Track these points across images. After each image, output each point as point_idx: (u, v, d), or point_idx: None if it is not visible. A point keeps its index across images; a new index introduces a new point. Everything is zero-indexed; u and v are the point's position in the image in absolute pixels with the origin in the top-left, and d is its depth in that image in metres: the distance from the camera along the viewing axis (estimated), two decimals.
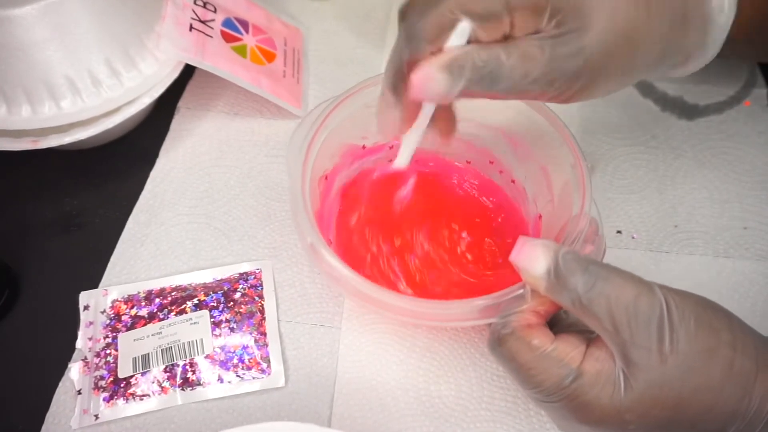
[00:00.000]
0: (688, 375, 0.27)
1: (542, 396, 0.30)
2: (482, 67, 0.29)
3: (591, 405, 0.28)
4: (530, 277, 0.30)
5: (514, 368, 0.30)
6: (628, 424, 0.28)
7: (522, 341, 0.30)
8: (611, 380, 0.28)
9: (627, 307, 0.28)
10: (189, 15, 0.48)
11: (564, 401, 0.29)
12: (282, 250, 0.44)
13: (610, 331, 0.28)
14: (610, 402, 0.28)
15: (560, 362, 0.29)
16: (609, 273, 0.29)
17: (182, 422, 0.37)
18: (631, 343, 0.28)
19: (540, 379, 0.29)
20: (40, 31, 0.41)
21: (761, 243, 0.45)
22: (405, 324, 0.40)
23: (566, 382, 0.29)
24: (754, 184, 0.48)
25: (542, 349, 0.30)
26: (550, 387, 0.29)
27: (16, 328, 0.41)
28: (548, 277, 0.29)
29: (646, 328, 0.27)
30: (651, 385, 0.27)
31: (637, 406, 0.28)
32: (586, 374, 0.29)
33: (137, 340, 0.39)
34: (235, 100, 0.53)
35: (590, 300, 0.28)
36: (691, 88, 0.54)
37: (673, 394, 0.27)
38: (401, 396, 0.38)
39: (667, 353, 0.27)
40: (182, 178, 0.48)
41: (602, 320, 0.28)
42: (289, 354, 0.40)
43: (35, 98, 0.43)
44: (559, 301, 0.30)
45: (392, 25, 0.59)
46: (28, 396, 0.38)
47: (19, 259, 0.44)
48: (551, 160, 0.40)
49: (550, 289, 0.29)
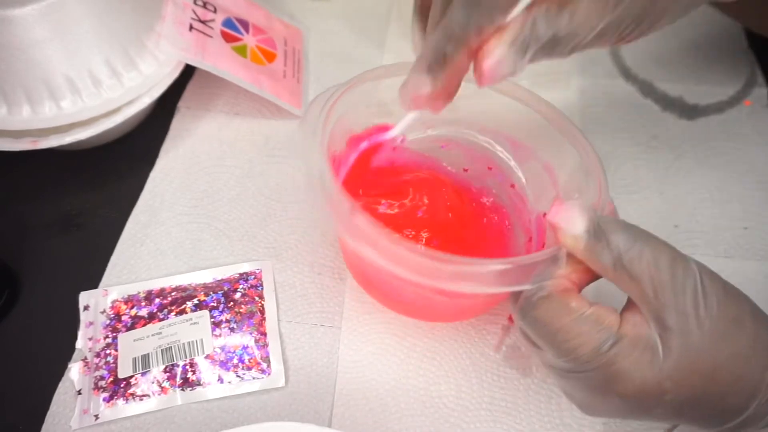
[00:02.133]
0: (721, 342, 0.27)
1: (576, 365, 0.28)
2: (547, 33, 0.28)
3: (629, 372, 0.27)
4: (569, 237, 0.29)
5: (550, 333, 0.29)
6: (665, 393, 0.27)
7: (560, 303, 0.29)
8: (650, 345, 0.27)
9: (666, 269, 0.27)
10: (189, 15, 0.48)
11: (600, 369, 0.28)
12: (282, 250, 0.44)
13: (648, 294, 0.27)
14: (649, 368, 0.27)
15: (599, 325, 0.28)
16: (647, 235, 0.28)
17: (182, 422, 0.37)
18: (669, 307, 0.27)
19: (577, 343, 0.28)
20: (40, 31, 0.41)
21: (761, 243, 0.45)
22: (416, 311, 0.40)
23: (605, 347, 0.27)
24: (755, 184, 0.48)
25: (580, 312, 0.28)
26: (588, 352, 0.28)
27: (16, 328, 0.41)
28: (588, 236, 0.28)
29: (682, 292, 0.27)
30: (689, 350, 0.27)
31: (675, 374, 0.27)
32: (625, 338, 0.27)
33: (137, 341, 0.39)
34: (235, 100, 0.53)
35: (631, 260, 0.27)
36: (691, 88, 0.54)
37: (709, 361, 0.27)
38: (401, 396, 0.38)
39: (703, 318, 0.27)
40: (182, 178, 0.48)
41: (642, 282, 0.27)
42: (289, 354, 0.40)
43: (35, 98, 0.43)
44: (597, 262, 0.29)
45: (392, 25, 0.60)
46: (28, 396, 0.38)
47: (19, 259, 0.44)
48: (555, 155, 0.39)
49: (589, 248, 0.28)
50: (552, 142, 0.39)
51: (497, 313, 0.41)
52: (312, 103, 0.37)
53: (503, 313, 0.41)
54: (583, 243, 0.28)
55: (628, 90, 0.54)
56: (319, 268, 0.44)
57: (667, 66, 0.56)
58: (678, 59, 0.56)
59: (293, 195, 0.47)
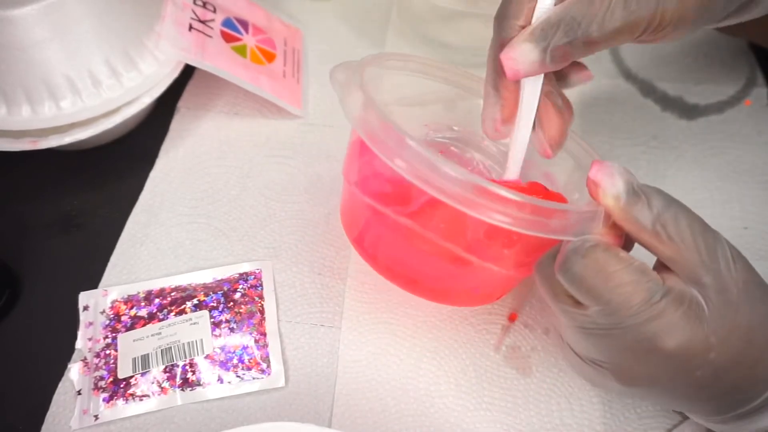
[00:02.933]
0: (755, 302, 0.28)
1: (623, 317, 0.28)
2: (567, 24, 0.30)
3: (678, 325, 0.27)
4: (610, 197, 0.29)
5: (599, 283, 0.28)
6: (710, 350, 0.27)
7: (609, 253, 0.28)
8: (695, 300, 0.27)
9: (699, 232, 0.28)
10: (189, 15, 0.48)
11: (648, 322, 0.27)
12: (282, 250, 0.44)
13: (684, 255, 0.28)
14: (697, 322, 0.27)
15: (648, 277, 0.28)
16: (678, 202, 0.29)
17: (182, 423, 0.37)
18: (704, 266, 0.27)
19: (628, 292, 0.27)
20: (40, 31, 0.41)
21: (761, 243, 0.45)
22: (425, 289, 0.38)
23: (656, 297, 0.27)
24: (754, 184, 0.48)
25: (629, 262, 0.28)
26: (639, 303, 0.27)
27: (16, 328, 0.41)
28: (627, 196, 0.28)
29: (715, 254, 0.28)
30: (729, 307, 0.27)
31: (719, 330, 0.27)
32: (673, 291, 0.27)
33: (137, 341, 0.39)
34: (235, 100, 0.53)
35: (667, 221, 0.28)
36: (691, 88, 0.54)
37: (746, 320, 0.28)
38: (401, 396, 0.38)
39: (736, 278, 0.28)
40: (182, 178, 0.48)
41: (680, 242, 0.28)
42: (289, 354, 0.40)
43: (35, 98, 0.43)
44: (636, 222, 0.28)
45: (392, 25, 0.60)
46: (28, 396, 0.38)
47: (19, 259, 0.44)
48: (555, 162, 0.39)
49: (627, 208, 0.28)
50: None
51: (497, 313, 0.41)
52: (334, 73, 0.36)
53: (503, 313, 0.41)
54: (623, 202, 0.29)
55: (628, 90, 0.54)
56: (319, 268, 0.44)
57: (667, 66, 0.56)
58: (678, 59, 0.56)
59: (293, 195, 0.47)
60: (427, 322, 0.41)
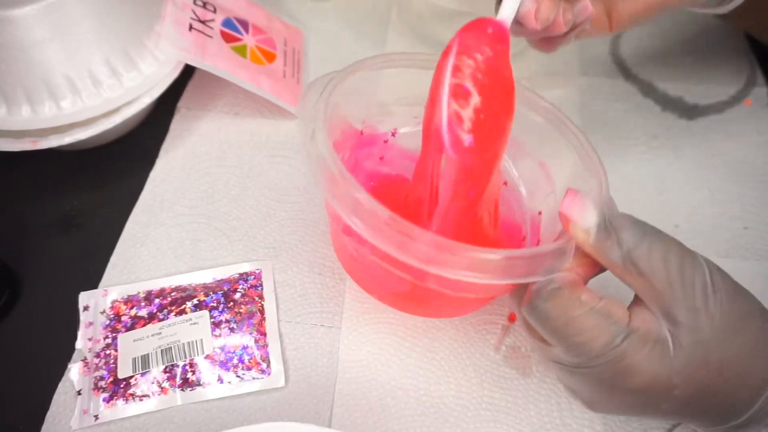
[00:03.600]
0: (731, 337, 0.27)
1: (586, 359, 0.28)
2: None
3: (640, 366, 0.27)
4: (580, 230, 0.29)
5: (560, 327, 0.28)
6: (674, 388, 0.27)
7: (570, 297, 0.28)
8: (661, 340, 0.27)
9: (675, 266, 0.27)
10: (189, 15, 0.48)
11: (610, 363, 0.27)
12: (282, 250, 0.44)
13: (657, 290, 0.27)
14: (660, 363, 0.27)
15: (610, 320, 0.28)
16: (655, 231, 0.28)
17: (182, 423, 0.37)
18: (678, 303, 0.27)
19: (588, 337, 0.27)
20: (40, 31, 0.41)
21: (761, 243, 0.45)
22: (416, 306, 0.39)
23: (617, 341, 0.27)
24: (754, 184, 0.48)
25: (591, 305, 0.28)
26: (599, 346, 0.27)
27: (16, 328, 0.41)
28: (598, 230, 0.28)
29: (692, 288, 0.27)
30: (698, 346, 0.27)
31: (685, 369, 0.27)
32: (636, 333, 0.27)
33: (137, 341, 0.39)
34: (235, 100, 0.53)
35: (640, 256, 0.27)
36: (691, 88, 0.54)
37: (717, 356, 0.27)
38: (401, 396, 0.38)
39: (713, 314, 0.27)
40: (182, 178, 0.48)
41: (651, 278, 0.27)
42: (289, 354, 0.40)
43: (35, 98, 0.43)
44: (605, 257, 0.28)
45: (392, 25, 0.60)
46: (28, 396, 0.38)
47: (19, 259, 0.44)
48: (550, 152, 0.39)
49: (598, 242, 0.28)
50: (549, 140, 0.39)
51: (497, 313, 0.41)
52: (308, 90, 0.37)
53: (503, 313, 0.41)
54: (593, 237, 0.29)
55: (628, 90, 0.55)
56: (319, 268, 0.44)
57: (667, 66, 0.56)
58: (678, 59, 0.56)
59: (293, 195, 0.47)
60: (426, 322, 0.41)
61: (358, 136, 0.42)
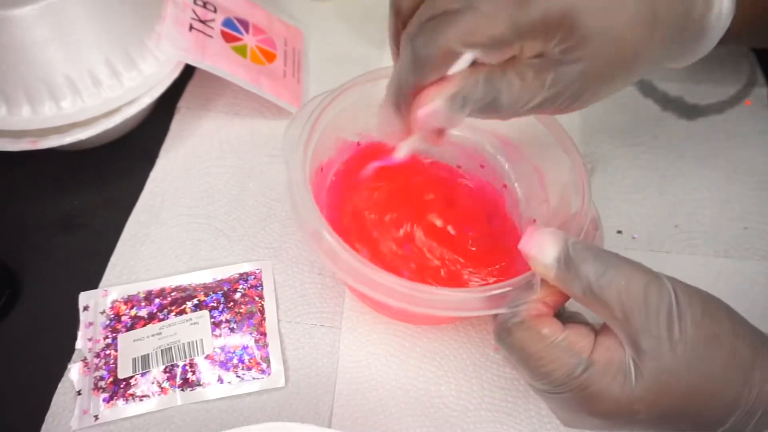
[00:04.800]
0: (696, 362, 0.27)
1: (551, 387, 0.29)
2: (485, 97, 0.29)
3: (602, 395, 0.28)
4: (540, 266, 0.30)
5: (524, 358, 0.30)
6: (637, 414, 0.28)
7: (532, 331, 0.29)
8: (622, 369, 0.28)
9: (638, 295, 0.28)
10: (189, 15, 0.48)
11: (573, 392, 0.29)
12: (282, 250, 0.44)
13: (620, 319, 0.28)
14: (621, 391, 0.28)
15: (571, 351, 0.29)
16: (619, 261, 0.29)
17: (182, 423, 0.37)
18: (641, 332, 0.27)
19: (550, 369, 0.29)
20: (40, 31, 0.41)
21: (761, 243, 0.45)
22: (409, 317, 0.40)
23: (577, 372, 0.28)
24: (754, 184, 0.48)
25: (552, 339, 0.29)
26: (561, 377, 0.28)
27: (16, 328, 0.41)
28: (558, 265, 0.29)
29: (656, 316, 0.27)
30: (661, 373, 0.27)
31: (647, 395, 0.28)
32: (596, 363, 0.28)
33: (137, 341, 0.39)
34: (235, 100, 0.53)
35: (601, 288, 0.28)
36: (691, 88, 0.54)
37: (683, 381, 0.27)
38: (401, 396, 0.38)
39: (677, 341, 0.27)
40: (182, 178, 0.48)
41: (613, 309, 0.28)
42: (289, 354, 0.40)
43: (35, 98, 0.43)
44: (568, 289, 0.29)
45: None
46: (28, 396, 0.38)
47: (19, 259, 0.44)
48: (545, 159, 0.39)
49: (559, 277, 0.29)
50: (543, 146, 0.39)
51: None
52: (301, 110, 0.38)
53: None
54: (554, 272, 0.29)
55: (628, 90, 0.54)
56: (319, 268, 0.44)
57: None
58: None
59: None
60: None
61: (355, 147, 0.42)
